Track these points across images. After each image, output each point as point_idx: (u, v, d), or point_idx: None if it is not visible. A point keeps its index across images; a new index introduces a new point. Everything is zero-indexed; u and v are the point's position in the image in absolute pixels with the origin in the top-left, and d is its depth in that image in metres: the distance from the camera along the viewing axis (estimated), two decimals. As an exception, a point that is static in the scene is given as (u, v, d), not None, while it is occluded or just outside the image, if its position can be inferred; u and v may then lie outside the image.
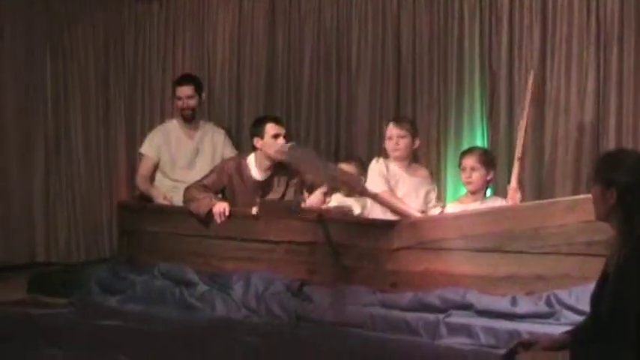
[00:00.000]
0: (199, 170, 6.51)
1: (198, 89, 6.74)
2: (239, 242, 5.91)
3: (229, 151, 6.74)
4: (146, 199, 6.67)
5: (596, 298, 3.09)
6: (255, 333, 5.04)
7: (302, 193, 5.97)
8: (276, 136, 6.08)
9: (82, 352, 4.56)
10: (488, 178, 5.60)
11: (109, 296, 5.89)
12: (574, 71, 5.93)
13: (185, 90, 6.68)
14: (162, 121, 7.14)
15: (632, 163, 3.04)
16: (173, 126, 6.80)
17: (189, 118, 6.72)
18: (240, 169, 6.19)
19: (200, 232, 6.05)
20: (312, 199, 5.86)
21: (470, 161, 5.57)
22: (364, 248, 5.46)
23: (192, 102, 6.69)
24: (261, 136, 6.10)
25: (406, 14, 6.52)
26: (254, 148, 6.18)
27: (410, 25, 6.51)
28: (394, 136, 5.77)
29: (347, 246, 5.49)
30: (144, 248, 6.38)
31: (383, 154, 5.90)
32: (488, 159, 5.63)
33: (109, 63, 7.71)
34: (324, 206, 5.80)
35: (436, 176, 6.29)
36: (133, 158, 7.36)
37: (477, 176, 5.55)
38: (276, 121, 6.21)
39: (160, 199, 6.54)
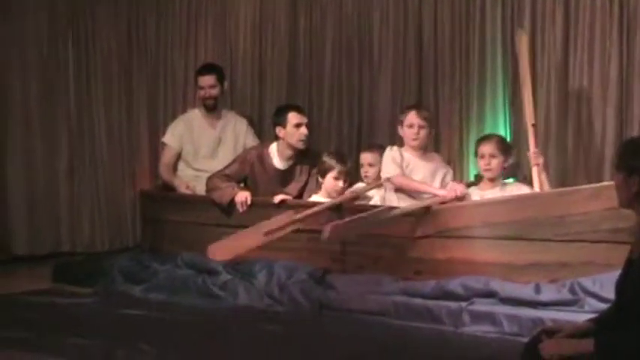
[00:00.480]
0: (222, 159, 6.52)
1: (221, 78, 6.74)
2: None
3: (251, 140, 6.73)
4: (169, 188, 6.69)
5: (620, 286, 3.07)
6: (278, 321, 5.06)
7: (317, 179, 5.98)
8: (298, 125, 6.09)
9: (106, 340, 4.56)
10: (505, 164, 5.60)
11: (133, 285, 5.92)
12: (597, 57, 5.87)
13: (207, 79, 6.68)
14: (184, 110, 7.16)
15: (654, 150, 3.01)
16: (195, 115, 6.80)
17: (212, 108, 6.72)
18: (263, 158, 6.20)
19: (222, 221, 6.08)
20: (327, 185, 5.88)
21: (488, 148, 5.56)
22: (388, 236, 5.45)
23: (215, 91, 6.69)
24: (284, 125, 6.10)
25: (427, 0, 6.50)
26: (276, 137, 6.19)
27: (431, 10, 6.48)
28: (415, 125, 5.76)
29: (370, 234, 5.47)
30: (167, 237, 6.42)
31: (399, 141, 5.88)
32: (505, 146, 5.65)
33: (132, 52, 7.72)
34: (337, 189, 5.87)
35: (459, 162, 6.29)
36: (156, 148, 7.37)
37: (496, 163, 5.55)
38: (299, 109, 6.21)
39: (182, 189, 6.56)
